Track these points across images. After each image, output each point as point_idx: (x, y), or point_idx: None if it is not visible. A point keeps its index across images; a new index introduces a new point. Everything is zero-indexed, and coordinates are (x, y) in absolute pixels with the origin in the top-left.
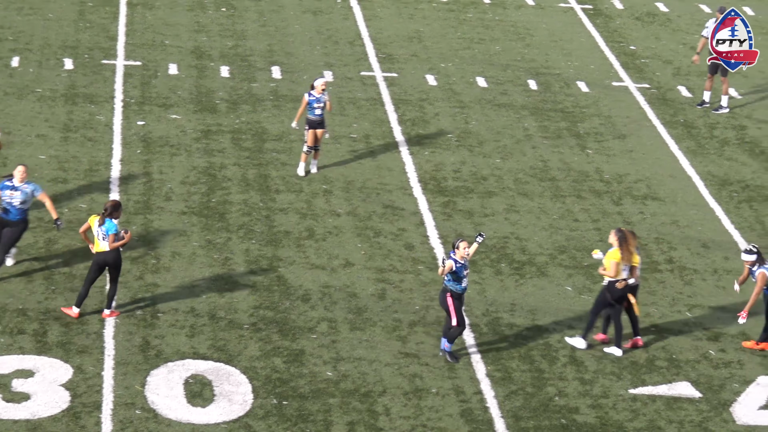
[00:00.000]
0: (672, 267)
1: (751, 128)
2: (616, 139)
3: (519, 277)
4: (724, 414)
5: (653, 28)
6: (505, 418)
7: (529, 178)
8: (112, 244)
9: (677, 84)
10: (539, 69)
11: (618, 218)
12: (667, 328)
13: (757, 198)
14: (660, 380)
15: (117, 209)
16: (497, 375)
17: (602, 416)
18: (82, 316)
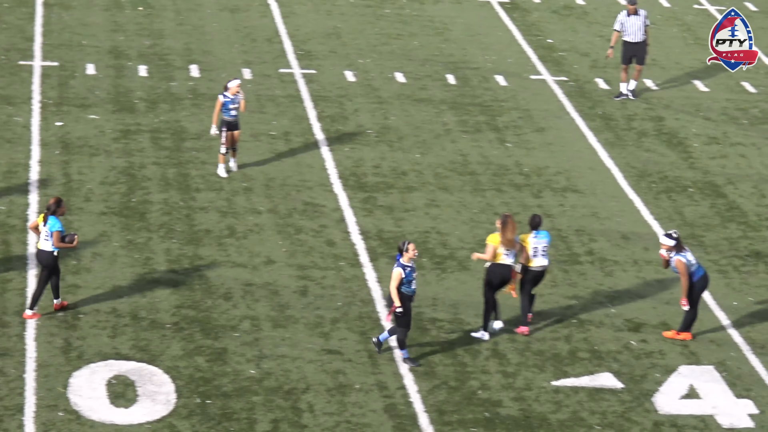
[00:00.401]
0: (592, 259)
1: (668, 119)
2: (534, 132)
3: (440, 272)
4: (646, 404)
5: (570, 21)
6: (429, 412)
7: (449, 172)
8: (56, 242)
9: (595, 76)
10: (457, 63)
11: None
12: (588, 320)
13: (676, 189)
14: (582, 372)
15: (60, 205)
16: (420, 370)
17: (525, 409)
18: (1, 319)
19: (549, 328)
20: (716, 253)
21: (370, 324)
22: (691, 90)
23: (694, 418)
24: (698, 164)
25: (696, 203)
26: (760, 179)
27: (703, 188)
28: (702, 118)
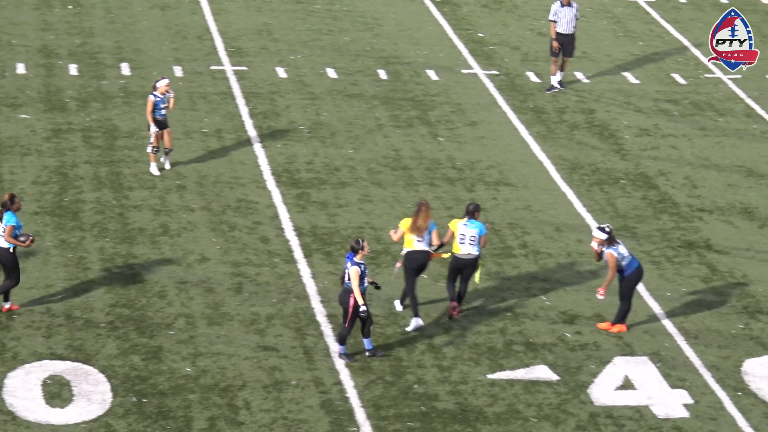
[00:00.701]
0: (526, 251)
1: (599, 112)
2: (466, 126)
3: (375, 267)
4: (581, 396)
5: (500, 14)
6: (366, 407)
7: (382, 167)
8: (7, 236)
9: (525, 70)
10: (389, 59)
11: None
12: (523, 313)
13: (608, 181)
14: (517, 364)
15: (13, 201)
16: (356, 365)
17: (462, 402)
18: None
19: (484, 321)
20: (649, 244)
21: (305, 320)
22: (621, 82)
23: (630, 409)
24: (630, 156)
25: (628, 195)
26: (692, 170)
27: (635, 180)
28: (633, 110)
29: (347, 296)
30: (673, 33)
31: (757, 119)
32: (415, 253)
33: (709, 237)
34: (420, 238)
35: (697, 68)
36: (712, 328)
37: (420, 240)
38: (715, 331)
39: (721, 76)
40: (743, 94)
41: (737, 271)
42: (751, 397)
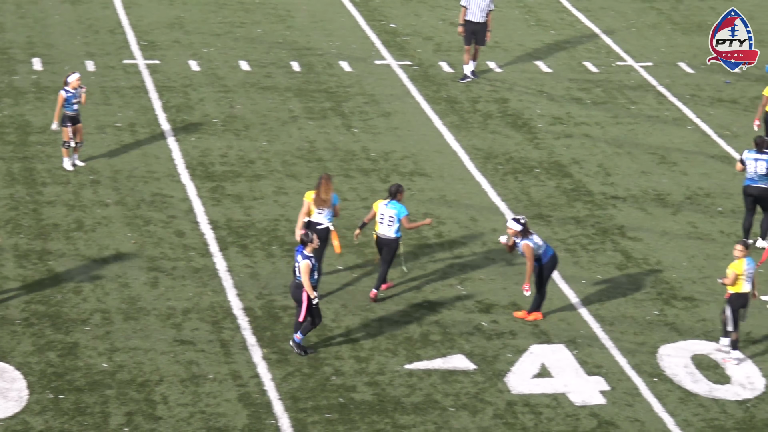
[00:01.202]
0: (441, 241)
1: (513, 101)
2: (380, 117)
3: (291, 259)
4: (498, 384)
5: (412, 5)
6: (284, 399)
7: (297, 159)
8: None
9: (438, 60)
10: (302, 50)
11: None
12: (439, 302)
13: (522, 170)
14: (435, 354)
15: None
16: (273, 357)
17: (379, 393)
18: None
19: (400, 312)
20: (563, 232)
21: (221, 314)
22: (534, 71)
23: (547, 397)
24: (543, 145)
25: (542, 183)
26: (605, 158)
27: (549, 168)
28: (546, 98)
29: (300, 290)
30: (584, 21)
31: (668, 106)
32: (311, 225)
33: (623, 224)
34: (321, 210)
35: (609, 56)
36: (628, 314)
37: (321, 212)
38: (630, 318)
39: (632, 64)
40: (655, 81)
41: (651, 257)
42: (667, 383)
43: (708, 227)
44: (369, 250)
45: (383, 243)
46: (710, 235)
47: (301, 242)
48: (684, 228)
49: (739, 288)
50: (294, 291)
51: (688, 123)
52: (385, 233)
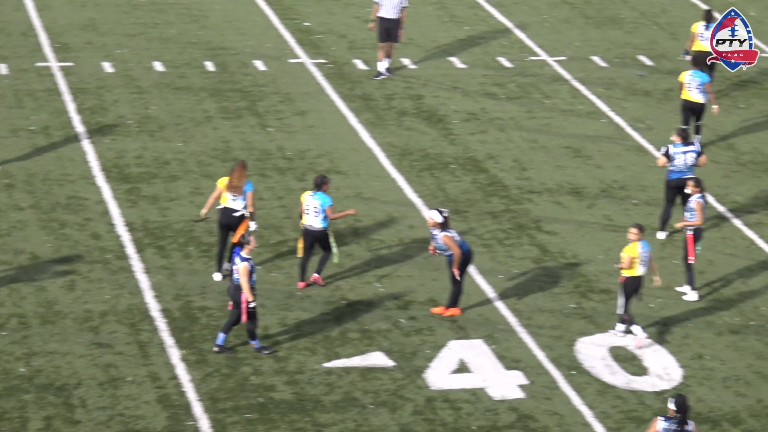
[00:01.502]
0: (358, 239)
1: (427, 97)
2: (296, 116)
3: (208, 260)
4: (418, 380)
5: (326, 3)
6: (203, 400)
7: (212, 159)
8: None
9: (353, 57)
10: (216, 50)
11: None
12: (357, 300)
13: (438, 166)
14: (353, 352)
15: None
16: (192, 358)
17: (299, 392)
18: None
19: (318, 310)
20: (480, 227)
21: (139, 316)
22: (448, 67)
23: (466, 392)
24: (459, 140)
25: (458, 179)
26: (520, 153)
27: (465, 164)
28: (460, 94)
29: (239, 292)
30: (497, 17)
31: (582, 100)
32: (226, 210)
33: (539, 218)
34: (234, 196)
35: (522, 51)
36: (545, 308)
37: (234, 198)
38: (547, 312)
39: (546, 58)
40: (569, 75)
41: (568, 251)
42: (585, 375)
43: (623, 219)
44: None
45: (311, 234)
46: (626, 228)
47: (238, 244)
48: (599, 221)
49: (633, 271)
50: (233, 293)
51: (602, 116)
52: (311, 224)
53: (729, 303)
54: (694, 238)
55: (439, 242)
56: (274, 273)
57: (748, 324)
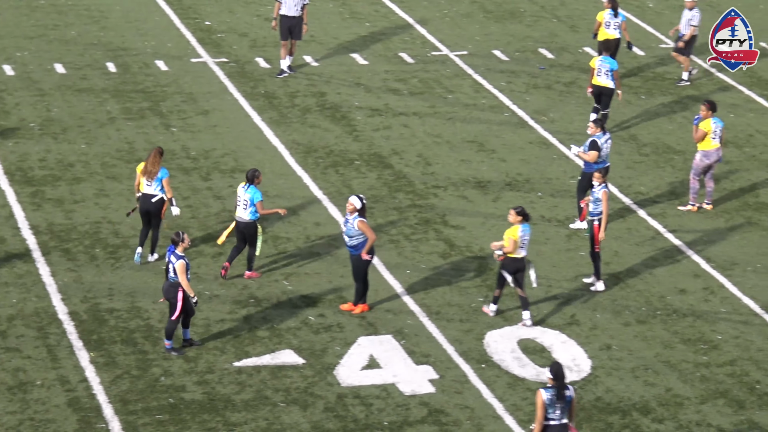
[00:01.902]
0: (265, 237)
1: (330, 94)
2: (199, 115)
3: (114, 261)
4: (328, 377)
5: (226, 2)
6: (113, 402)
7: (116, 161)
8: None
9: (255, 56)
10: (117, 51)
11: (208, 193)
12: (265, 298)
13: (343, 162)
14: (263, 351)
15: None
16: (101, 361)
17: (209, 392)
18: None
19: (227, 309)
20: (387, 223)
21: (47, 319)
22: (350, 63)
23: (377, 388)
24: (363, 137)
25: (363, 175)
26: (424, 148)
27: (369, 160)
28: (363, 90)
29: (175, 290)
30: (398, 12)
31: (485, 94)
32: (144, 196)
33: (445, 213)
34: (149, 182)
35: (424, 46)
36: (453, 302)
37: (149, 184)
38: (456, 306)
39: (448, 53)
40: (471, 70)
41: (474, 245)
42: (495, 369)
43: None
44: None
45: (241, 226)
46: (531, 221)
47: (172, 242)
48: (505, 214)
49: (513, 253)
50: (167, 291)
51: (504, 110)
52: (241, 216)
53: (636, 293)
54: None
55: (352, 227)
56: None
57: (655, 314)
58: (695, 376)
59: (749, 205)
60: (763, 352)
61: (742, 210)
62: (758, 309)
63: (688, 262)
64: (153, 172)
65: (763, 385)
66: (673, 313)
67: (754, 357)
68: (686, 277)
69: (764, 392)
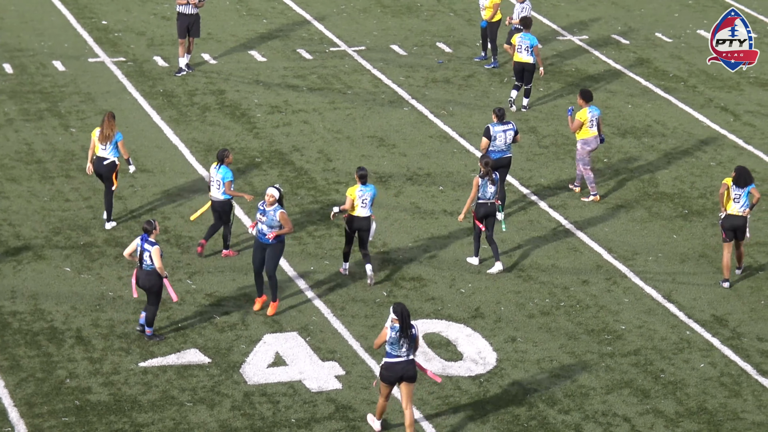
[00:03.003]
0: (168, 236)
1: (229, 92)
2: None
3: (16, 263)
4: (234, 376)
5: (123, 1)
6: (18, 406)
7: (15, 162)
8: None
9: (153, 55)
10: (13, 51)
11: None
12: (169, 298)
13: (243, 160)
14: (168, 350)
15: None
16: (5, 364)
17: (115, 393)
18: None
19: (131, 310)
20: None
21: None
22: (249, 61)
23: (283, 385)
24: (263, 134)
25: (265, 173)
26: (325, 144)
27: (270, 158)
28: (262, 87)
29: (152, 277)
30: (295, 9)
31: (384, 89)
32: (99, 159)
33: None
34: (104, 145)
35: (322, 42)
36: (358, 298)
37: (104, 148)
38: (360, 301)
39: (346, 49)
40: (369, 65)
41: (377, 240)
42: None
43: (431, 206)
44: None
45: (216, 205)
46: (433, 214)
47: (144, 231)
48: (407, 208)
49: (354, 211)
50: (145, 279)
51: (404, 104)
52: (215, 195)
53: (539, 285)
54: None
55: (273, 219)
56: (84, 275)
57: (559, 305)
58: (600, 366)
59: (649, 195)
60: (667, 341)
61: (642, 200)
62: (660, 298)
63: (590, 253)
64: (110, 135)
65: (667, 374)
66: (576, 304)
67: (658, 346)
68: (588, 267)
69: (669, 381)
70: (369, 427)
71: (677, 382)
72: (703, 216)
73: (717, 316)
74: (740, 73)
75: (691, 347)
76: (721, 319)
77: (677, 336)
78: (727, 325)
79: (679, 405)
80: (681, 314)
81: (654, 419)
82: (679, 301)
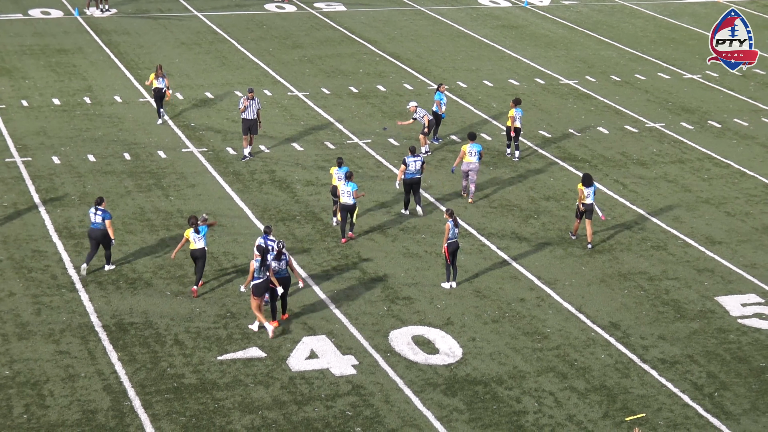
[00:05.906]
0: (232, 265)
1: (278, 171)
2: (188, 188)
3: (133, 289)
4: (282, 365)
5: (205, 110)
6: (134, 387)
7: (132, 220)
8: None
9: (226, 146)
10: (130, 145)
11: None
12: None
13: (287, 218)
14: (237, 348)
15: None
16: (126, 358)
17: (201, 377)
18: None
19: (211, 321)
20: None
21: None
22: (291, 150)
23: (316, 371)
24: (301, 200)
25: (302, 226)
26: None
27: (306, 216)
28: (300, 168)
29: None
30: (323, 114)
31: (384, 169)
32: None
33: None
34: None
35: (341, 137)
36: (366, 311)
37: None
38: (368, 314)
39: (357, 141)
40: (373, 152)
41: (380, 272)
42: (397, 356)
43: (417, 249)
44: None
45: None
46: (418, 254)
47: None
48: (400, 251)
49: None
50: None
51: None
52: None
53: (490, 302)
54: None
55: (284, 263)
56: (179, 297)
57: (504, 315)
58: (533, 357)
59: (565, 240)
60: (578, 340)
61: (561, 243)
62: (574, 310)
63: (525, 279)
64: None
65: (579, 362)
66: (516, 314)
67: (573, 343)
68: (524, 289)
69: (580, 367)
70: (377, 399)
71: (586, 368)
72: (603, 254)
73: (613, 322)
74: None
75: (595, 344)
76: (616, 324)
77: (586, 336)
78: (620, 328)
79: (587, 383)
80: (588, 321)
81: (570, 393)
82: (586, 312)
